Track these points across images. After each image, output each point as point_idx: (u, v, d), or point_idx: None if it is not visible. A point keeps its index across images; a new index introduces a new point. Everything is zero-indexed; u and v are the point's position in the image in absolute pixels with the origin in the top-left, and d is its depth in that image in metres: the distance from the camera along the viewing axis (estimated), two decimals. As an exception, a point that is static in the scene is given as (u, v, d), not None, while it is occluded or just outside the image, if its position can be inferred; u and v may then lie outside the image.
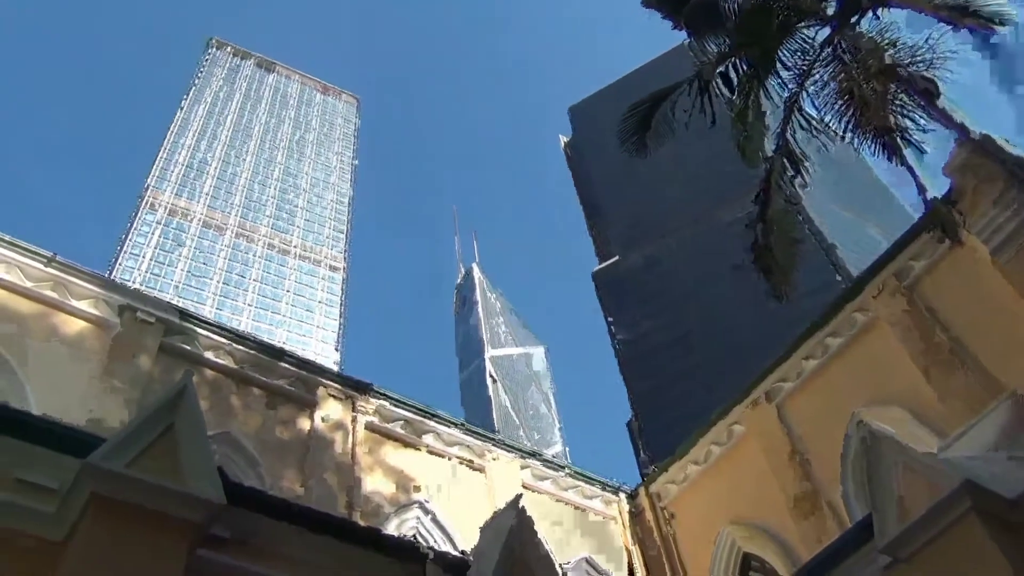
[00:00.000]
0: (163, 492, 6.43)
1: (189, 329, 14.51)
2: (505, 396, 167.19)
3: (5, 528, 6.37)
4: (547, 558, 8.45)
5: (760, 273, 13.07)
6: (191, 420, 7.13)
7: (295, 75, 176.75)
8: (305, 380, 15.16)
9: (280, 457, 13.83)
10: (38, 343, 12.83)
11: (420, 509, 14.81)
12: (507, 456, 16.81)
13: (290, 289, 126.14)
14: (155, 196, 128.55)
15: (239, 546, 7.21)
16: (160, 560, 6.28)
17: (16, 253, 13.37)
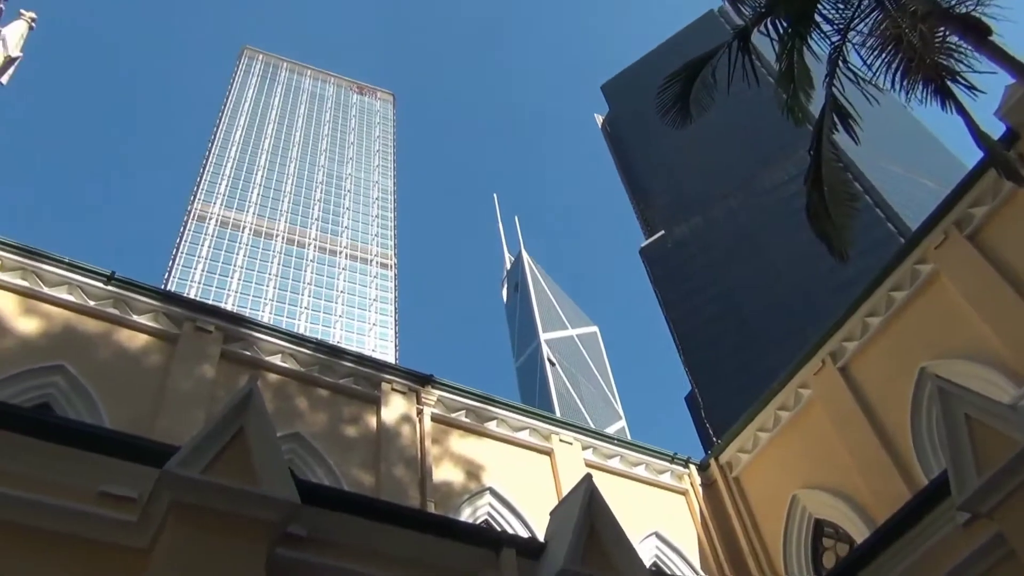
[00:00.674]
0: (239, 495, 6.54)
1: (248, 335, 14.74)
2: (563, 378, 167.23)
3: (92, 539, 6.54)
4: (621, 535, 8.40)
5: (816, 234, 12.77)
6: (260, 423, 7.22)
7: (330, 78, 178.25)
8: (368, 377, 15.30)
9: (349, 454, 14.00)
10: (105, 360, 13.16)
11: (491, 495, 14.87)
12: (572, 437, 16.78)
13: (343, 289, 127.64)
14: (204, 209, 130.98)
15: (316, 543, 7.30)
16: (241, 561, 6.39)
17: (76, 274, 13.71)
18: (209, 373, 13.64)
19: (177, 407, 12.76)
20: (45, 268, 13.41)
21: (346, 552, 7.42)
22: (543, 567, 8.06)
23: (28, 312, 12.98)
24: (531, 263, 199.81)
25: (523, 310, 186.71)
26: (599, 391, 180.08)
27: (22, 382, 12.05)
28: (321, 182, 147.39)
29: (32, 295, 13.20)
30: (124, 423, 12.01)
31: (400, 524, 7.95)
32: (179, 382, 13.25)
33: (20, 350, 12.45)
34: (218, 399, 13.26)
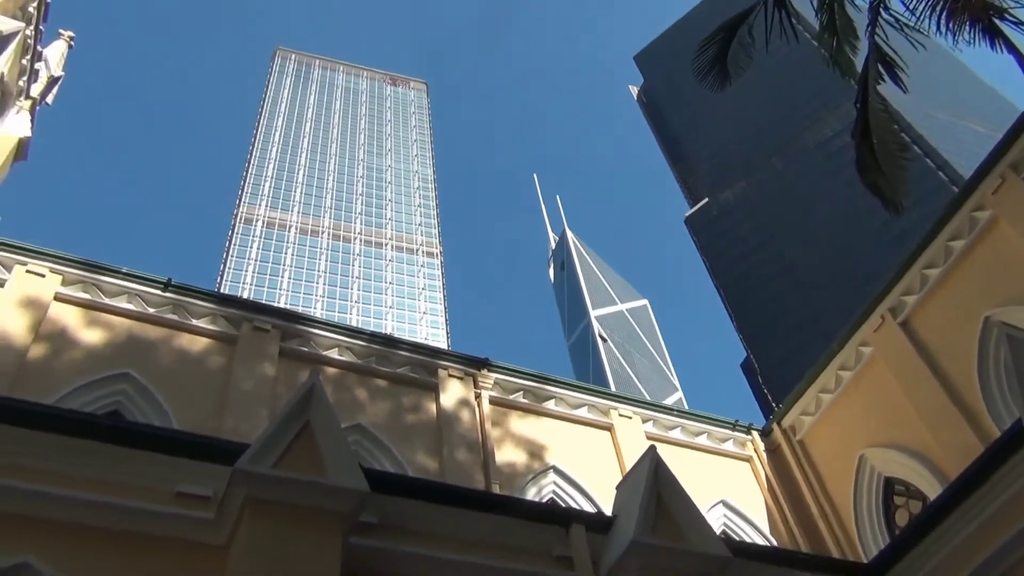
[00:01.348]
0: (311, 487, 6.66)
1: (305, 332, 14.94)
2: (616, 354, 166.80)
3: (171, 538, 6.72)
4: (689, 504, 8.37)
5: (868, 188, 12.49)
6: (324, 416, 7.34)
7: (363, 72, 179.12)
8: (424, 364, 15.42)
9: (412, 441, 14.14)
10: (169, 364, 13.46)
11: (554, 473, 14.92)
12: (631, 411, 16.73)
13: (391, 281, 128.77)
14: (250, 211, 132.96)
15: (388, 529, 7.41)
16: (317, 552, 6.51)
17: (135, 283, 14.02)
18: (269, 371, 13.87)
19: (241, 406, 13.00)
20: (104, 280, 13.74)
21: (417, 537, 7.51)
22: (613, 540, 8.07)
23: (92, 323, 13.33)
24: (576, 241, 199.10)
25: (571, 288, 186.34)
26: (653, 364, 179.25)
27: (92, 391, 12.39)
28: (362, 176, 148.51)
29: (94, 307, 13.55)
30: (192, 424, 12.29)
31: (468, 506, 8.04)
32: (241, 381, 13.50)
33: (87, 361, 12.80)
34: (280, 396, 13.49)
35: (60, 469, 6.71)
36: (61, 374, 12.34)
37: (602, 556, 8.03)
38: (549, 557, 7.97)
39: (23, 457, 6.67)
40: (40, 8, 26.90)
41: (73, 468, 6.76)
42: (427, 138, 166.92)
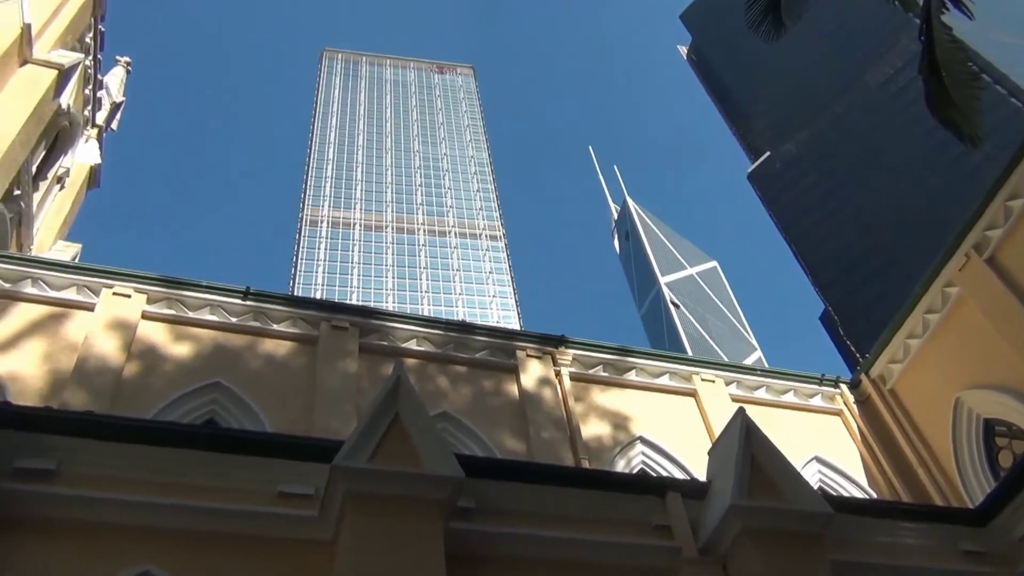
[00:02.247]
0: (408, 478, 6.79)
1: (382, 326, 15.17)
2: (690, 318, 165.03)
3: (280, 537, 6.93)
4: (784, 463, 8.28)
5: (940, 123, 12.02)
6: (413, 407, 7.45)
7: (409, 63, 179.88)
8: (501, 347, 15.52)
9: (497, 424, 14.26)
10: (256, 370, 13.82)
11: (642, 444, 14.87)
12: (713, 375, 16.55)
13: (458, 268, 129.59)
14: (314, 213, 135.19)
15: (486, 512, 7.51)
16: (421, 540, 6.64)
17: (215, 295, 14.42)
18: (352, 367, 14.13)
19: (329, 404, 13.29)
20: (186, 294, 14.17)
21: (515, 517, 7.60)
22: (710, 506, 8.04)
23: (179, 338, 13.76)
24: (638, 209, 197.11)
25: (638, 257, 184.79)
26: (728, 326, 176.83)
27: (187, 403, 12.82)
28: (419, 167, 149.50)
29: (180, 321, 13.98)
30: (284, 426, 12.62)
31: (563, 483, 8.10)
32: (326, 380, 13.78)
33: (179, 374, 13.23)
34: (364, 391, 13.74)
35: (167, 480, 6.97)
36: (156, 389, 12.78)
37: (700, 522, 8.00)
38: (648, 527, 7.98)
39: (132, 471, 6.95)
40: (96, 37, 27.72)
41: (179, 477, 7.02)
42: (479, 122, 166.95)
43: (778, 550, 7.48)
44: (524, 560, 7.34)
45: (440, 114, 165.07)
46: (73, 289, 13.73)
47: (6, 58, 20.38)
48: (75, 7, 24.80)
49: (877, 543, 8.59)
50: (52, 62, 22.25)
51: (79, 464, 6.83)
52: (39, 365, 12.54)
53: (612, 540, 7.65)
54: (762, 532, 7.54)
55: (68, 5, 24.56)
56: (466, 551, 7.02)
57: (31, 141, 21.28)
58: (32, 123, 20.85)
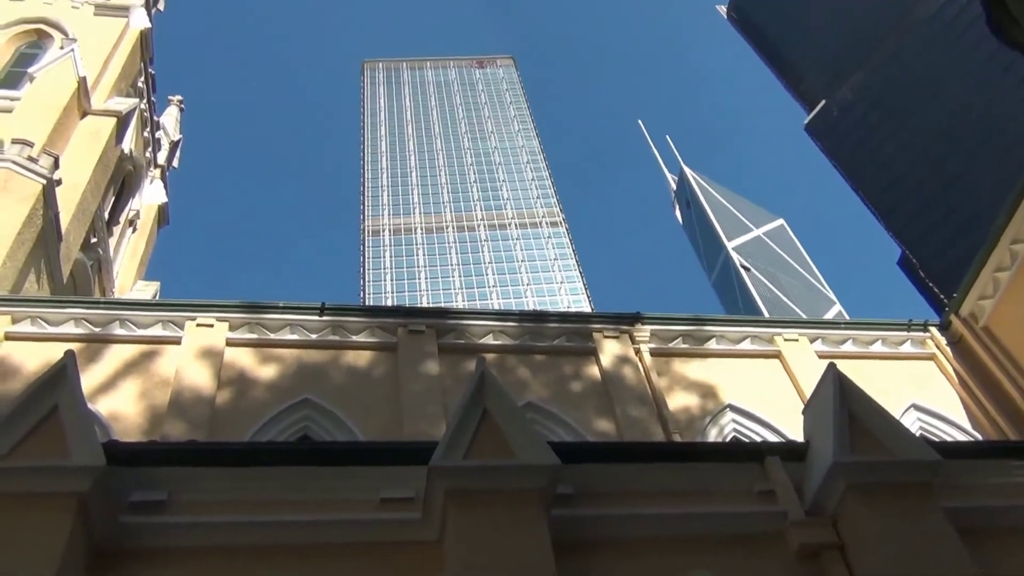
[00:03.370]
0: (506, 471, 6.83)
1: (457, 325, 15.31)
2: (762, 280, 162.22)
3: (387, 542, 7.04)
4: (883, 414, 8.06)
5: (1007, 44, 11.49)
6: (501, 400, 7.49)
7: (449, 62, 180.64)
8: (577, 331, 15.51)
9: (583, 408, 14.27)
10: (341, 383, 14.10)
11: (731, 411, 14.70)
12: (796, 333, 16.25)
13: (522, 259, 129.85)
14: (375, 223, 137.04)
15: (586, 497, 7.50)
16: (526, 530, 6.66)
17: (293, 314, 14.75)
18: (433, 369, 14.30)
19: (416, 407, 13.48)
20: (266, 317, 14.53)
21: (615, 499, 7.58)
22: (812, 466, 7.88)
23: (265, 360, 14.12)
24: (695, 176, 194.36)
25: (701, 225, 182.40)
26: (803, 282, 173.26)
27: (280, 422, 13.16)
28: (471, 164, 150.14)
29: (263, 344, 14.35)
30: (375, 433, 12.85)
31: (658, 459, 8.04)
32: (410, 384, 13.97)
33: (269, 394, 13.58)
34: (449, 390, 13.91)
35: (271, 498, 7.14)
36: (249, 412, 13.15)
37: (804, 484, 7.86)
38: (750, 494, 7.87)
39: (238, 493, 7.13)
40: (147, 81, 28.56)
41: (282, 494, 7.18)
42: (525, 111, 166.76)
43: (888, 504, 7.30)
44: (630, 540, 7.31)
45: (486, 108, 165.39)
46: (159, 325, 14.20)
47: (67, 112, 21.16)
48: (124, 54, 25.61)
49: (990, 485, 8.31)
50: (110, 110, 23.06)
51: (188, 492, 7.05)
52: (137, 402, 13.02)
53: (715, 511, 7.57)
54: (869, 487, 7.36)
55: (118, 53, 25.38)
56: (571, 537, 7.03)
57: (101, 189, 22.07)
58: (99, 171, 21.63)
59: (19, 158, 17.46)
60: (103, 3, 26.89)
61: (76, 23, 25.71)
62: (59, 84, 21.67)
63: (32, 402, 6.82)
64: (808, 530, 7.36)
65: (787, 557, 7.34)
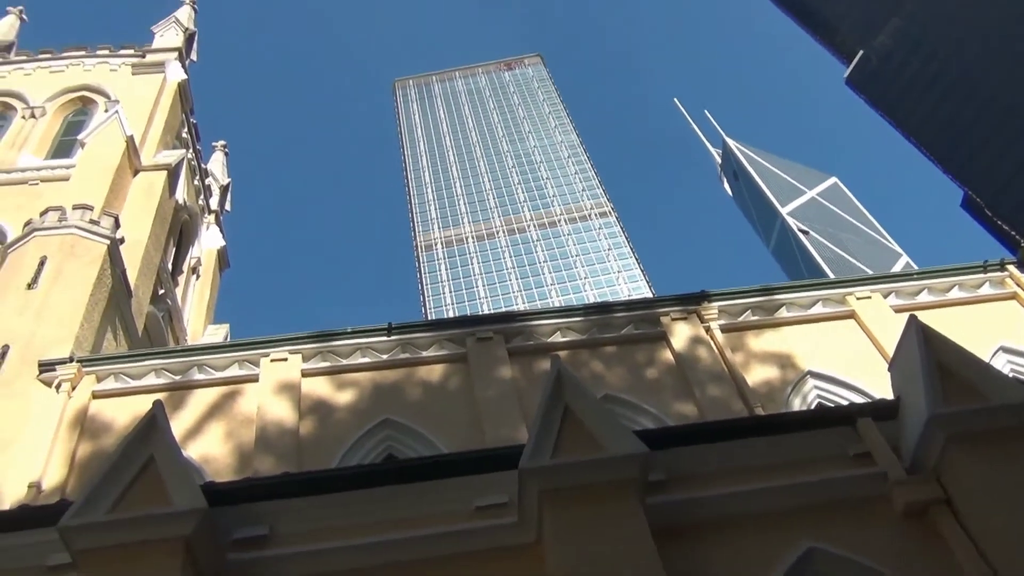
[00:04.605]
0: (596, 465, 6.81)
1: (523, 327, 15.33)
2: (823, 241, 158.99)
3: (486, 548, 7.07)
4: (973, 360, 7.83)
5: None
6: (580, 395, 7.48)
7: (477, 69, 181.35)
8: (644, 318, 15.39)
9: (661, 393, 14.15)
10: (418, 399, 14.23)
11: (812, 378, 14.39)
12: (867, 290, 15.85)
13: (576, 253, 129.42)
14: (426, 238, 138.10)
15: (678, 481, 7.45)
16: (624, 522, 6.64)
17: (361, 338, 14.94)
18: (506, 374, 14.33)
19: (494, 413, 13.52)
20: (336, 344, 14.75)
21: (709, 480, 7.50)
22: (906, 422, 7.70)
23: (341, 386, 14.33)
24: (739, 147, 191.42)
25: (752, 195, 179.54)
26: (866, 239, 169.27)
27: (364, 445, 13.33)
28: (513, 166, 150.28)
29: (337, 370, 14.56)
30: (458, 444, 12.90)
31: (746, 435, 7.93)
32: (485, 391, 14.03)
33: (350, 419, 13.77)
34: (524, 391, 13.92)
35: (368, 520, 7.23)
36: (333, 438, 13.35)
37: (900, 442, 7.68)
38: (846, 459, 7.71)
39: (334, 519, 7.25)
40: (191, 131, 29.27)
41: (378, 515, 7.26)
42: (560, 106, 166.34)
43: (992, 451, 7.08)
44: (729, 519, 7.22)
45: (520, 109, 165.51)
46: (235, 366, 14.53)
47: (120, 172, 21.79)
48: (166, 108, 26.28)
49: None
50: (160, 164, 23.67)
51: (288, 523, 7.20)
52: (224, 443, 13.33)
53: (812, 479, 7.43)
54: (970, 437, 7.15)
55: (159, 108, 26.06)
56: (669, 523, 6.97)
57: (161, 241, 22.67)
58: (158, 225, 22.22)
59: (82, 223, 18.02)
60: (139, 62, 27.64)
61: (116, 85, 26.46)
62: (109, 146, 22.31)
63: (129, 455, 7.04)
64: (912, 488, 7.18)
65: (893, 518, 7.18)
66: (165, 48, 28.73)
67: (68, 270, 16.95)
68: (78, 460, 13.20)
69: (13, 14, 31.66)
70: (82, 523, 6.49)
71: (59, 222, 17.94)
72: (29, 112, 25.35)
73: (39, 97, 25.95)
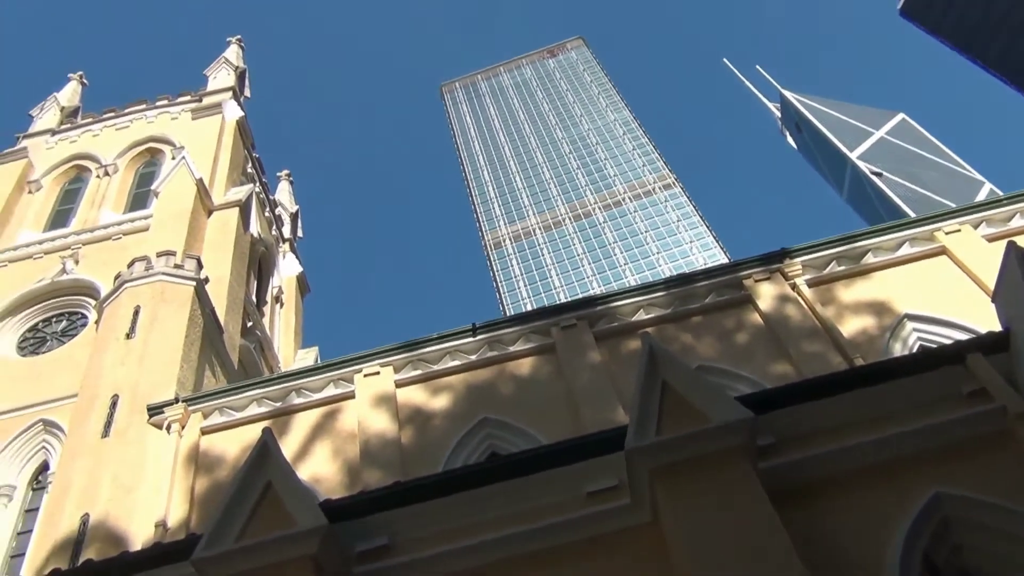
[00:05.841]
0: (702, 436, 6.74)
1: (605, 310, 15.28)
2: (898, 181, 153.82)
3: (604, 533, 7.06)
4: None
5: None
6: (676, 369, 7.41)
7: (521, 61, 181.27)
8: (726, 284, 15.16)
9: (754, 358, 13.91)
10: (512, 394, 14.32)
11: (910, 321, 13.95)
12: (956, 223, 15.25)
13: (646, 229, 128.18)
14: (494, 236, 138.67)
15: (788, 442, 7.32)
16: (739, 490, 6.55)
17: (448, 342, 15.11)
18: (595, 358, 14.31)
19: (589, 398, 13.52)
20: (424, 351, 14.96)
21: (819, 437, 7.33)
22: (1020, 353, 7.41)
23: (435, 391, 14.53)
24: (797, 98, 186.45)
25: (818, 144, 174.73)
26: (944, 172, 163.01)
27: (466, 446, 13.50)
28: (570, 152, 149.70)
29: (429, 377, 14.79)
30: (558, 434, 12.90)
31: (852, 388, 7.73)
32: (577, 377, 14.04)
33: (448, 423, 13.96)
34: (616, 374, 13.88)
35: (482, 518, 7.30)
36: (435, 443, 13.55)
37: (1015, 374, 7.39)
38: (959, 398, 7.46)
39: (451, 521, 7.33)
40: (255, 164, 30.03)
41: (492, 512, 7.33)
42: (608, 85, 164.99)
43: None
44: (845, 475, 7.07)
45: (568, 94, 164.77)
46: (331, 386, 14.87)
47: (195, 215, 22.50)
48: (228, 147, 27.06)
49: None
50: (230, 201, 24.38)
51: (406, 531, 7.33)
52: (332, 461, 13.67)
53: (928, 424, 7.21)
54: (1091, 357, 6.85)
55: (223, 147, 26.84)
56: (784, 486, 6.86)
57: (243, 275, 23.34)
58: (238, 260, 22.88)
59: (167, 268, 18.70)
60: (198, 107, 28.52)
61: (179, 131, 27.37)
62: (181, 192, 23.09)
63: (247, 483, 7.28)
64: (1036, 419, 6.91)
65: (1020, 452, 6.92)
66: (219, 89, 29.58)
67: (161, 316, 17.59)
68: (197, 495, 13.71)
69: (74, 80, 32.99)
70: (214, 554, 6.74)
71: (146, 271, 18.64)
72: (103, 171, 26.41)
73: (110, 155, 27.01)
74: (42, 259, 22.40)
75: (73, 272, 21.39)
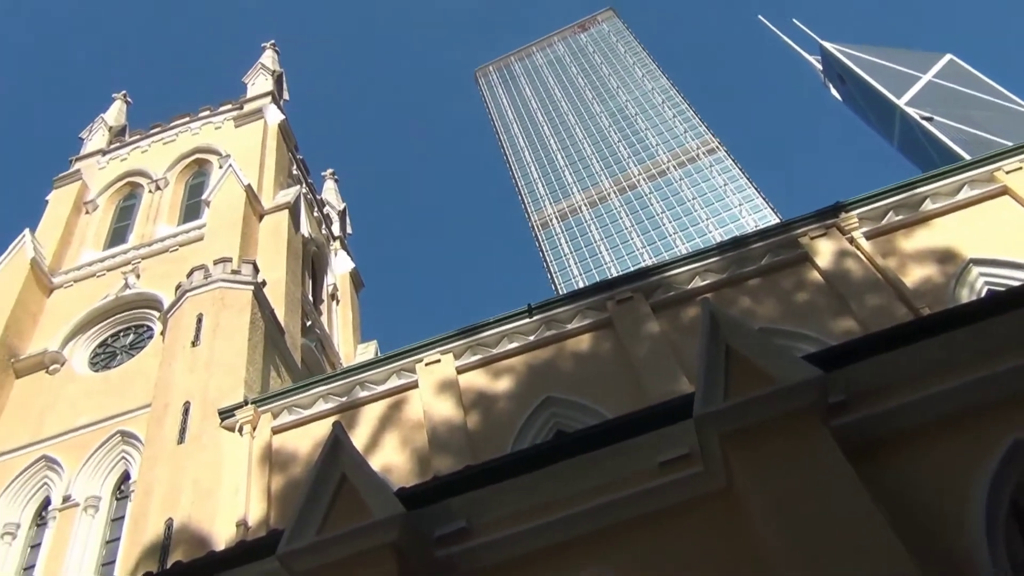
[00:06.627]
0: (772, 397, 6.66)
1: (660, 280, 15.20)
2: (950, 124, 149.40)
3: (680, 502, 7.05)
4: None
5: None
6: (739, 332, 7.33)
7: (553, 38, 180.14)
8: (781, 243, 14.95)
9: (817, 315, 13.70)
10: (575, 371, 14.37)
11: (975, 265, 13.56)
12: (1016, 161, 14.72)
13: (693, 196, 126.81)
14: (540, 216, 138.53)
15: (861, 398, 7.19)
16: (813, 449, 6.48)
17: (505, 324, 15.20)
18: (654, 328, 14.24)
19: (651, 370, 13.48)
20: (483, 335, 15.07)
21: (893, 390, 7.16)
22: (1096, 287, 7.16)
23: (497, 375, 14.64)
24: (838, 48, 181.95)
25: (863, 93, 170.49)
26: (997, 110, 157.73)
27: (532, 425, 13.60)
28: (610, 126, 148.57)
29: (489, 360, 14.91)
30: (623, 407, 12.83)
31: (921, 337, 7.54)
32: (636, 350, 13.99)
33: (512, 405, 14.06)
34: (676, 343, 13.80)
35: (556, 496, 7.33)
36: (502, 426, 13.66)
37: (1102, 306, 7.14)
38: (1035, 340, 7.24)
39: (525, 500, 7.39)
40: (300, 166, 30.39)
41: (566, 489, 7.35)
42: (643, 54, 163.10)
43: None
44: (919, 427, 6.91)
45: (603, 67, 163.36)
46: (394, 377, 15.07)
47: (247, 221, 22.89)
48: (272, 151, 27.43)
49: None
50: (279, 204, 24.75)
51: (483, 513, 7.40)
52: (401, 451, 13.86)
53: (1006, 367, 6.98)
54: None
55: (267, 152, 27.22)
56: (858, 443, 6.75)
57: (298, 276, 23.70)
58: (291, 261, 23.25)
59: (226, 275, 19.10)
60: (239, 114, 28.96)
61: (224, 140, 27.84)
62: (231, 199, 23.51)
63: (322, 478, 7.42)
64: None
65: (1100, 389, 6.70)
66: (259, 95, 29.99)
67: (224, 321, 17.98)
68: (274, 493, 14.03)
69: (119, 99, 33.75)
70: (297, 548, 6.90)
71: (205, 279, 19.06)
72: (154, 185, 27.02)
73: (159, 169, 27.61)
74: (105, 276, 23.06)
75: (135, 286, 21.97)
